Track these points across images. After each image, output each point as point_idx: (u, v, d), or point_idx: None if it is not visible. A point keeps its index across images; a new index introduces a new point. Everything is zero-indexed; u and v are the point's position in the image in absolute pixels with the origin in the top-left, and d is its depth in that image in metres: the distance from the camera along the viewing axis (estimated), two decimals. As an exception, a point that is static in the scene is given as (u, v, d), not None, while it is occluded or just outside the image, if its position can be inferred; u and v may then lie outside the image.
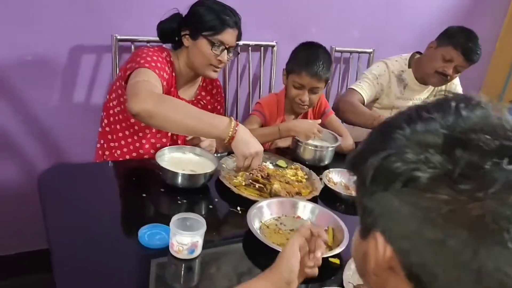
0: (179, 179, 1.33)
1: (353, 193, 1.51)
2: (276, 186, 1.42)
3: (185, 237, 1.05)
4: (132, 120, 1.57)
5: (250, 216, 1.21)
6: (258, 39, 2.26)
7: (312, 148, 1.66)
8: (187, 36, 1.57)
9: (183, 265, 1.06)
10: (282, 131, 1.67)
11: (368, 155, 0.51)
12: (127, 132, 1.61)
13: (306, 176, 1.56)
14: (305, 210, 1.33)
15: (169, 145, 1.63)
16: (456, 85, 2.29)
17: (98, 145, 1.69)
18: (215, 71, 1.62)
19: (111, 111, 1.63)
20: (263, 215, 1.28)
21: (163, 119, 1.30)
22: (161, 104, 1.30)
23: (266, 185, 1.45)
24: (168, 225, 1.09)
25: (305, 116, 1.91)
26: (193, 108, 1.37)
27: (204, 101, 1.76)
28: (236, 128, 1.32)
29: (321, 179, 1.55)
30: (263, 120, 1.81)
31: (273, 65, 2.36)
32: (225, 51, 1.58)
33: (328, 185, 1.52)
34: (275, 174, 1.52)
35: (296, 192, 1.44)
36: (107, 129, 1.65)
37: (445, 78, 2.06)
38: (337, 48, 2.47)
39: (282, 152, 1.72)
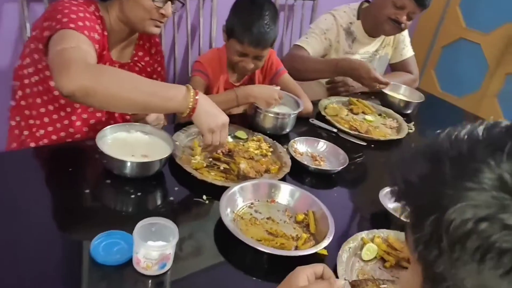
0: (129, 168, 1.09)
1: (322, 165, 1.38)
2: (243, 165, 1.23)
3: (154, 251, 0.84)
4: (56, 92, 1.26)
5: (222, 208, 1.03)
6: (195, -15, 1.97)
7: (273, 115, 1.48)
8: None
9: (153, 282, 0.86)
10: (240, 98, 1.47)
11: (441, 200, 0.42)
12: (50, 107, 1.30)
13: (271, 149, 1.39)
14: (281, 193, 1.17)
15: (105, 120, 1.36)
16: (404, 37, 2.20)
17: (13, 123, 1.36)
18: (157, 26, 1.35)
19: (26, 81, 1.30)
20: (235, 204, 1.11)
21: (105, 97, 1.03)
22: (100, 77, 1.03)
23: (230, 164, 1.26)
24: (125, 229, 0.88)
25: (252, 76, 1.71)
26: (141, 79, 1.12)
27: (142, 63, 1.48)
28: (196, 98, 1.11)
29: (286, 149, 1.40)
30: (207, 81, 1.59)
31: (213, 14, 2.08)
32: (169, 2, 1.30)
33: (296, 158, 1.37)
34: (238, 150, 1.33)
35: (265, 170, 1.28)
36: (23, 103, 1.32)
37: (398, 26, 1.95)
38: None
39: (238, 120, 1.52)
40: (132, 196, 1.07)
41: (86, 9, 1.22)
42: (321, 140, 1.48)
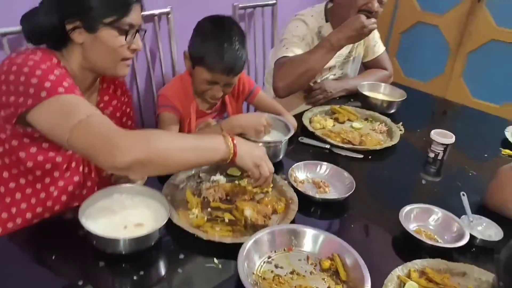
0: (124, 246, 0.93)
1: (328, 192, 1.27)
2: (249, 212, 1.10)
3: None
4: (30, 164, 1.08)
5: (242, 273, 0.89)
6: (148, 8, 1.78)
7: (265, 145, 1.35)
8: (78, 29, 1.08)
9: None
10: (227, 131, 1.32)
11: None
12: (22, 181, 1.11)
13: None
14: (299, 238, 1.04)
15: (82, 182, 1.19)
16: (374, 33, 2.11)
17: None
18: (128, 65, 1.19)
19: None
20: (252, 262, 0.97)
21: (160, 164, 0.96)
22: (151, 145, 0.94)
23: (232, 212, 1.13)
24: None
25: (223, 101, 1.57)
26: (182, 136, 1.09)
27: (110, 108, 1.30)
28: (234, 142, 1.06)
29: (284, 179, 1.28)
30: (178, 114, 1.43)
31: (171, 36, 1.91)
32: (137, 34, 1.15)
33: (298, 188, 1.25)
34: (236, 191, 1.20)
35: (273, 211, 1.15)
36: None
37: (371, 16, 1.85)
38: (240, 5, 2.10)
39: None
40: (134, 277, 0.91)
41: (53, 63, 1.05)
42: (321, 163, 1.36)
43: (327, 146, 1.54)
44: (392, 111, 1.88)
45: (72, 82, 1.05)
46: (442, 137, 1.52)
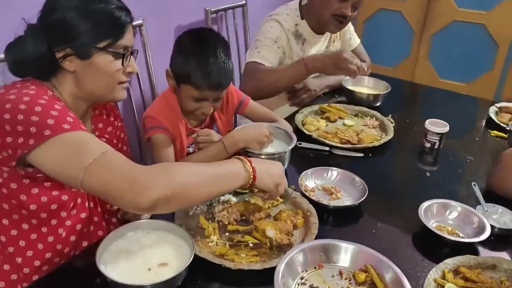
0: (152, 290, 0.86)
1: (341, 198, 1.24)
2: (272, 233, 1.05)
3: None
4: (33, 207, 0.99)
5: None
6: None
7: (269, 157, 1.30)
8: (69, 57, 0.99)
9: None
10: (229, 146, 1.27)
11: None
12: (25, 226, 1.01)
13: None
14: (329, 253, 1.01)
15: (89, 218, 1.09)
16: (348, 26, 2.11)
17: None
18: (125, 88, 1.11)
19: None
20: (287, 285, 0.93)
21: (185, 199, 0.91)
22: (173, 180, 0.89)
23: (253, 233, 1.08)
24: None
25: (212, 116, 1.49)
26: (200, 165, 0.97)
27: (106, 136, 1.21)
28: (253, 166, 1.02)
29: (294, 189, 1.24)
30: (169, 135, 1.35)
31: (147, 49, 1.81)
32: (131, 56, 1.07)
33: (312, 198, 1.21)
34: (250, 210, 1.14)
35: (294, 226, 1.11)
36: None
37: (343, 21, 1.85)
38: (212, 9, 2.03)
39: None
40: (168, 323, 0.85)
41: (50, 97, 0.96)
42: (329, 168, 1.33)
43: (327, 148, 1.51)
44: (378, 103, 1.88)
45: (75, 116, 0.96)
46: (435, 126, 1.53)
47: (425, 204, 1.17)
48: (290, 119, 1.73)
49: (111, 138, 1.23)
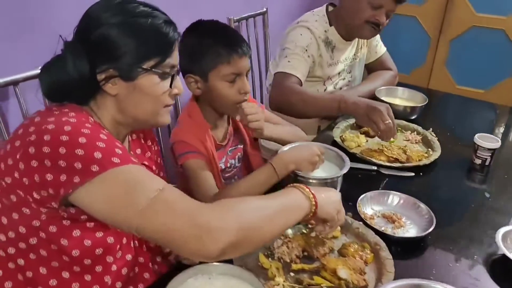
0: None
1: (406, 228, 1.13)
2: (345, 273, 0.93)
3: None
4: (76, 252, 0.86)
5: None
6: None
7: (321, 181, 1.18)
8: (112, 79, 0.87)
9: None
10: (279, 169, 1.14)
11: None
12: (65, 275, 0.87)
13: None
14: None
15: (132, 258, 0.96)
16: (377, 41, 2.01)
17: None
18: (169, 111, 0.99)
19: (11, 250, 0.87)
20: None
21: (254, 241, 0.82)
22: (241, 220, 0.79)
23: (321, 273, 0.96)
24: None
25: (236, 125, 1.38)
26: (262, 201, 0.88)
27: (146, 162, 1.08)
28: (312, 192, 0.91)
29: (351, 217, 1.13)
30: (204, 158, 1.23)
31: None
32: (177, 76, 0.96)
33: (374, 226, 1.10)
34: (313, 244, 1.03)
35: (365, 262, 0.99)
36: (20, 277, 0.88)
37: (377, 28, 1.75)
38: (235, 18, 1.91)
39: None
40: None
41: (93, 125, 0.85)
42: (390, 192, 1.22)
43: (374, 168, 1.39)
44: (415, 116, 1.77)
45: (122, 145, 0.83)
46: (486, 141, 1.43)
47: (502, 231, 1.06)
48: (326, 134, 1.62)
49: (150, 165, 1.10)
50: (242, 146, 1.38)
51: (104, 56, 0.86)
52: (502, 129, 1.80)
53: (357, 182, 1.33)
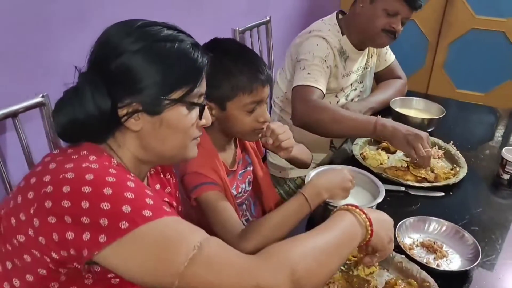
0: None
1: (449, 258, 1.05)
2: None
3: None
4: None
5: None
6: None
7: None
8: (137, 114, 0.76)
9: None
10: (312, 199, 1.03)
11: None
12: None
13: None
14: None
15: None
16: (387, 49, 1.94)
17: None
18: (196, 144, 0.89)
19: None
20: None
21: (316, 279, 0.74)
22: (296, 268, 0.71)
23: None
24: None
25: (246, 150, 1.28)
26: (312, 236, 0.79)
27: (166, 199, 0.98)
28: (369, 218, 0.85)
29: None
30: (222, 190, 1.12)
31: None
32: (206, 106, 0.86)
33: (414, 257, 1.02)
34: (356, 285, 0.94)
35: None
36: None
37: (392, 36, 1.69)
38: (240, 29, 1.81)
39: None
40: None
41: (118, 169, 0.74)
42: (428, 218, 1.14)
43: (402, 189, 1.32)
44: (432, 128, 1.70)
45: (152, 192, 0.73)
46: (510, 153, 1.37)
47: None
48: (343, 151, 1.54)
49: (171, 201, 1.00)
50: (251, 169, 1.28)
51: (127, 89, 0.76)
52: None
53: (386, 206, 1.24)
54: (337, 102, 1.76)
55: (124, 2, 1.45)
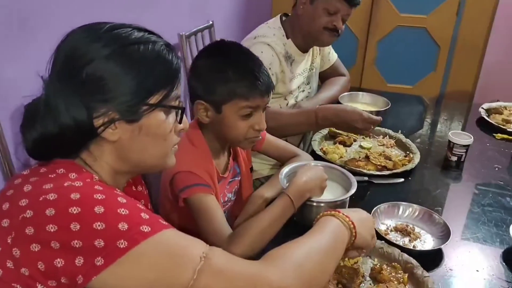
0: None
1: (422, 238, 1.11)
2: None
3: None
4: None
5: None
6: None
7: (330, 204, 1.11)
8: (113, 123, 0.71)
9: None
10: (296, 199, 1.04)
11: None
12: None
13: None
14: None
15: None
16: (330, 49, 2.00)
17: None
18: (174, 152, 0.84)
19: None
20: None
21: (320, 280, 0.76)
22: (300, 271, 0.72)
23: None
24: None
25: (235, 155, 1.27)
26: (308, 240, 0.80)
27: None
28: (352, 222, 0.87)
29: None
30: (213, 192, 1.09)
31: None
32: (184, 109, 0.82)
33: (390, 240, 1.06)
34: (346, 276, 0.95)
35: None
36: None
37: (335, 34, 1.74)
38: (186, 34, 1.77)
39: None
40: None
41: (105, 185, 0.71)
42: (400, 203, 1.19)
43: (365, 178, 1.36)
44: (380, 120, 1.79)
45: (144, 206, 0.69)
46: (459, 138, 1.47)
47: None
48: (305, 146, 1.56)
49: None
50: (239, 179, 1.27)
51: (101, 97, 0.70)
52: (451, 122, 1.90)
53: (355, 197, 1.27)
54: (287, 104, 1.77)
55: (64, 5, 1.35)
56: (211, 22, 2.00)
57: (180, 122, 0.80)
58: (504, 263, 1.05)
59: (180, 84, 0.80)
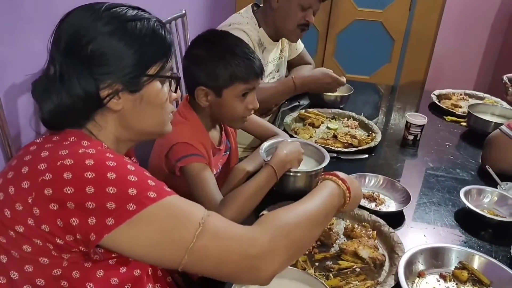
0: None
1: (386, 202, 1.25)
2: (366, 253, 1.01)
3: None
4: (115, 281, 0.77)
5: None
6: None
7: (306, 173, 1.24)
8: (119, 94, 0.79)
9: None
10: (279, 172, 1.16)
11: None
12: None
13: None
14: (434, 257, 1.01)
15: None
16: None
17: None
18: (171, 119, 0.93)
19: None
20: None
21: (301, 252, 0.90)
22: (289, 237, 0.77)
23: (347, 255, 1.03)
24: None
25: (226, 132, 1.39)
26: (301, 204, 0.86)
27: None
28: (347, 186, 0.95)
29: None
30: (207, 162, 1.20)
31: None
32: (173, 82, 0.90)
33: (368, 207, 1.20)
34: (325, 233, 1.08)
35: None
36: None
37: (306, 29, 1.87)
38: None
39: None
40: None
41: (115, 153, 0.77)
42: (365, 174, 1.34)
43: (334, 155, 1.50)
44: (343, 105, 1.94)
45: (149, 174, 0.77)
46: (415, 118, 1.64)
47: (463, 191, 1.25)
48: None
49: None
50: (228, 154, 1.37)
51: (106, 70, 0.77)
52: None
53: (325, 170, 1.41)
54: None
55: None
56: (184, 12, 2.08)
57: (175, 92, 0.89)
58: (455, 221, 1.21)
59: (172, 56, 0.88)
